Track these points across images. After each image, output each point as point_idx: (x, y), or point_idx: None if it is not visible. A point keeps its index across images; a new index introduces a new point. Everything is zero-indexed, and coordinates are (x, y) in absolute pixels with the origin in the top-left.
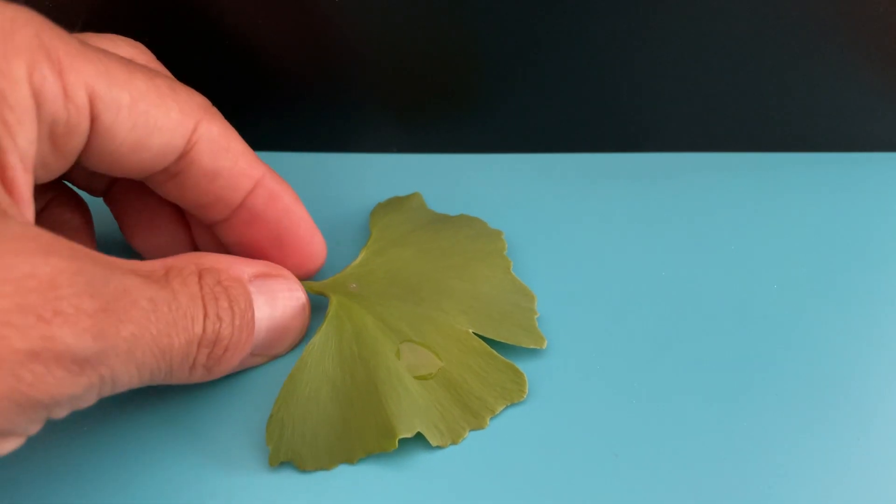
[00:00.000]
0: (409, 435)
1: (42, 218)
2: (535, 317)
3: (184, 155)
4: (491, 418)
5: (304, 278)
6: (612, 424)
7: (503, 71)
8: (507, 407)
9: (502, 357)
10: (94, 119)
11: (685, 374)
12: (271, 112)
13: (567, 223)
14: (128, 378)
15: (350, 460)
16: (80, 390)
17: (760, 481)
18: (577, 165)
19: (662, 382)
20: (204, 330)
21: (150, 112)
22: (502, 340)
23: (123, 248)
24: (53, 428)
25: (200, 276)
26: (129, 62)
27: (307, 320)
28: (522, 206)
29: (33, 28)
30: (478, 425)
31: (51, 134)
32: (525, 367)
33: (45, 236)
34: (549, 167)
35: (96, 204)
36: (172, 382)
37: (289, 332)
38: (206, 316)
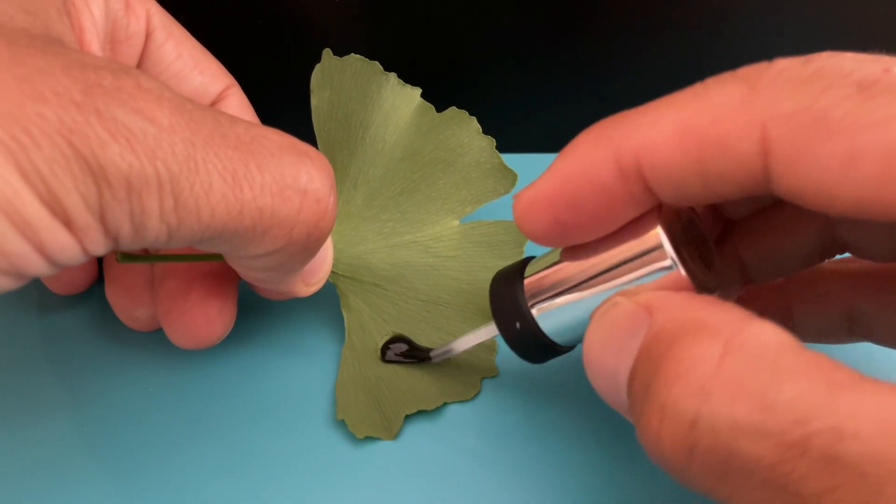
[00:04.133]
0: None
1: None
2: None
3: (213, 104)
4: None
5: None
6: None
7: (503, 71)
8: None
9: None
10: (148, 35)
11: None
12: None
13: None
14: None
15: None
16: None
17: None
18: None
19: None
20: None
21: (195, 53)
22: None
23: None
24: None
25: None
26: None
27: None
28: None
29: None
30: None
31: (112, 39)
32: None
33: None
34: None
35: None
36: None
37: (326, 263)
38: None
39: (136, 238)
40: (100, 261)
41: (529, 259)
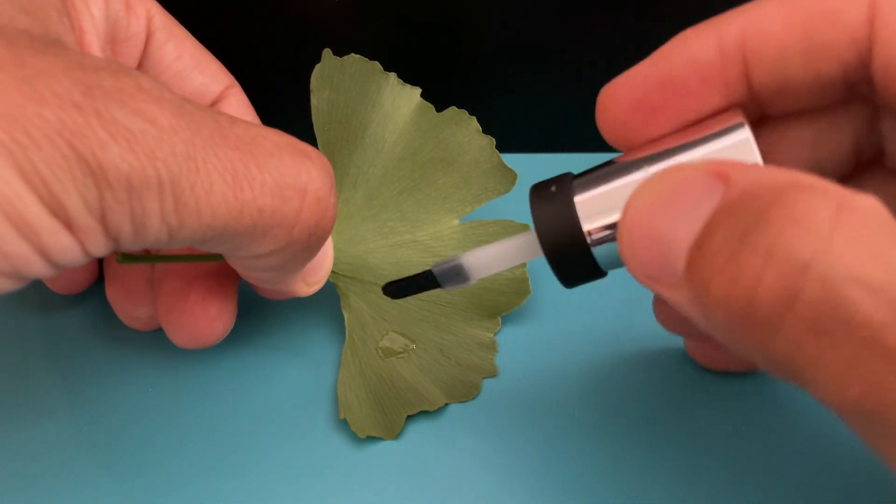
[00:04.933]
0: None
1: None
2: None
3: (213, 104)
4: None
5: None
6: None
7: (503, 70)
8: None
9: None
10: (148, 35)
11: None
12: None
13: None
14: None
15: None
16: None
17: None
18: (577, 165)
19: (654, 375)
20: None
21: (195, 53)
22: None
23: None
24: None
25: None
26: None
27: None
28: (522, 206)
29: None
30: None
31: (113, 39)
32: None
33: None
34: (548, 167)
35: None
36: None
37: (326, 262)
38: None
39: (137, 239)
40: (100, 261)
41: (571, 174)
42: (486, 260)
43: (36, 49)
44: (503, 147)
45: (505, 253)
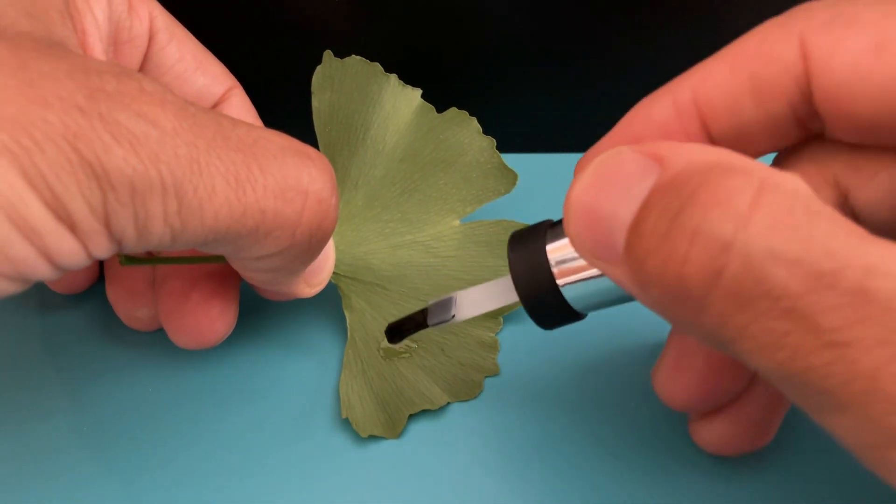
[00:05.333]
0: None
1: None
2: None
3: (215, 105)
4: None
5: None
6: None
7: (503, 71)
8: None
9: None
10: (151, 37)
11: None
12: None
13: None
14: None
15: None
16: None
17: None
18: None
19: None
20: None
21: (197, 54)
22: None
23: None
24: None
25: None
26: None
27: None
28: (522, 206)
29: None
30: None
31: (116, 41)
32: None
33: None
34: (548, 167)
35: None
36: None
37: (328, 264)
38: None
39: (140, 241)
40: (101, 261)
41: (548, 221)
42: (470, 300)
43: (39, 52)
44: (503, 147)
45: (486, 296)
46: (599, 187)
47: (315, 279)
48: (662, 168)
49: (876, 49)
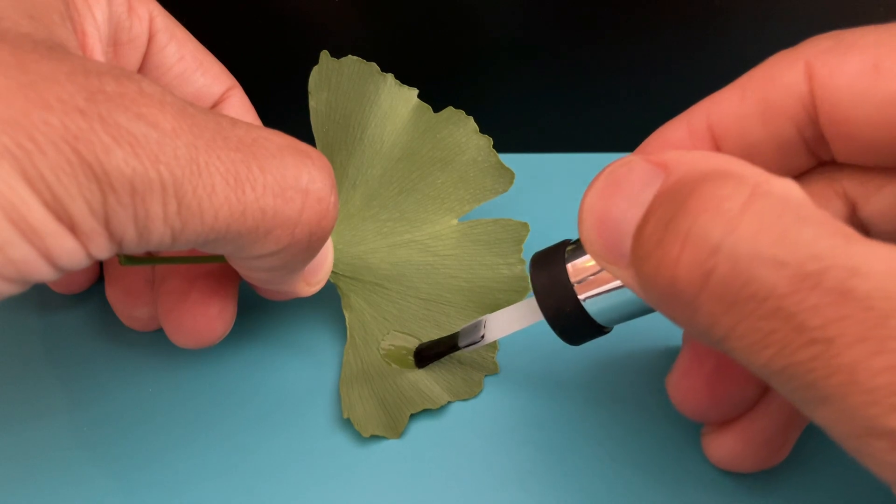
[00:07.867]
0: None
1: None
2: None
3: (215, 105)
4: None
5: None
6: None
7: (500, 71)
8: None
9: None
10: (150, 37)
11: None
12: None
13: (566, 223)
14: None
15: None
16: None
17: None
18: (574, 165)
19: (656, 374)
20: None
21: (197, 54)
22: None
23: None
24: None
25: None
26: None
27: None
28: (519, 205)
29: None
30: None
31: (115, 41)
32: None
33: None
34: (545, 167)
35: None
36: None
37: (326, 262)
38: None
39: (141, 242)
40: (100, 261)
41: (567, 241)
42: (498, 322)
43: (40, 54)
44: (500, 147)
45: (513, 317)
46: (610, 193)
47: (314, 278)
48: (666, 175)
49: (873, 70)
